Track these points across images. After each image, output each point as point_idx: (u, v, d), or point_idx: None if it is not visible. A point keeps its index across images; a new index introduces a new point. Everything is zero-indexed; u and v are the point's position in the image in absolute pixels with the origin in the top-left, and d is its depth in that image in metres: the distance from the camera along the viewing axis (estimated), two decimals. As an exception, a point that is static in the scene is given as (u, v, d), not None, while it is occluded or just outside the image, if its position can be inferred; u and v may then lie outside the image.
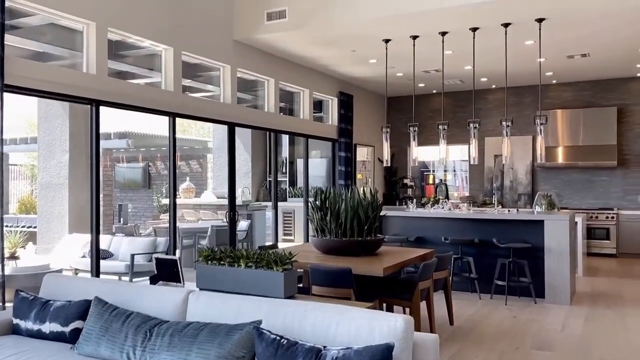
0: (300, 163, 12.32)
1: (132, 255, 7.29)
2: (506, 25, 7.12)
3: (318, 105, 10.81)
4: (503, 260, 6.83)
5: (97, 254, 5.93)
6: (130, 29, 6.17)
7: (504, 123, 7.29)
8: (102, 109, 5.91)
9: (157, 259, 4.09)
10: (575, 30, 7.45)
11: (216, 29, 7.48)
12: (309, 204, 5.79)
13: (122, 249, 7.99)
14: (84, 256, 7.71)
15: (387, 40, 7.88)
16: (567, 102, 11.35)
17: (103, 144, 12.79)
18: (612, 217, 10.51)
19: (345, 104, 10.83)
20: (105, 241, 8.13)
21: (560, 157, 11.11)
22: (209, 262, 3.63)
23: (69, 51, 6.20)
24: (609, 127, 10.79)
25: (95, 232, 5.85)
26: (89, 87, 5.68)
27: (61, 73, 5.47)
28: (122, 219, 12.97)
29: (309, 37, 7.76)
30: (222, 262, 3.59)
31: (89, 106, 5.84)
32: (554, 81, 11.22)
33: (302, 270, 4.82)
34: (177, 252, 7.91)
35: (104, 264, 6.73)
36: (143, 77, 7.37)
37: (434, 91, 12.07)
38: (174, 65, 6.77)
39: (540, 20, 6.91)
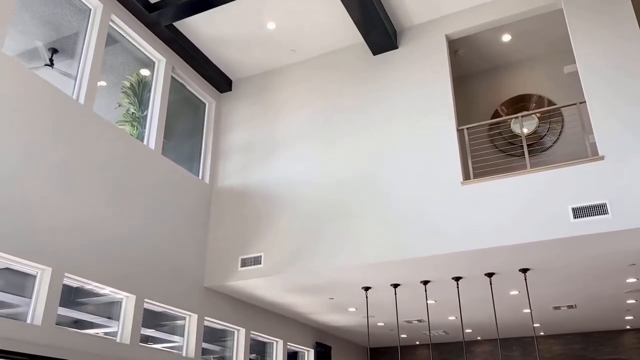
0: None
1: None
2: (490, 274, 6.87)
3: (292, 357, 9.87)
4: None
5: None
6: (89, 274, 5.69)
7: (501, 383, 6.49)
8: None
9: None
10: (560, 280, 7.22)
11: (185, 276, 7.05)
12: None
13: None
14: None
15: (366, 288, 7.49)
16: (558, 356, 10.62)
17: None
18: None
19: (323, 356, 9.93)
20: None
21: (563, 420, 9.92)
22: None
23: (20, 298, 5.59)
24: (609, 385, 9.93)
25: None
26: (29, 340, 4.92)
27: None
28: None
29: (284, 283, 7.34)
30: None
31: (24, 362, 4.99)
32: (542, 333, 10.67)
33: None
34: None
35: None
36: (101, 327, 6.65)
37: (417, 342, 11.33)
38: (134, 314, 6.13)
39: (524, 271, 6.70)
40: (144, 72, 7.39)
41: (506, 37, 7.59)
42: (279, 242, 7.07)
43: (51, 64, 6.30)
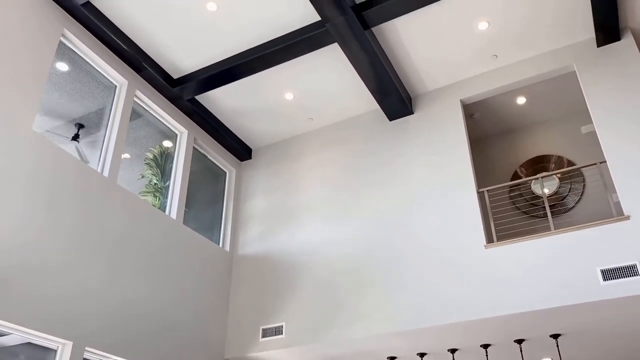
0: None
1: None
2: (520, 341, 6.61)
3: None
4: None
5: None
6: (109, 348, 5.61)
7: None
8: None
9: None
10: (594, 345, 6.90)
11: (206, 347, 6.91)
12: None
13: None
14: None
15: (392, 358, 7.24)
16: None
17: None
18: None
19: None
20: None
21: None
22: None
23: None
24: None
25: None
26: (47, 418, 4.81)
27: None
28: None
29: (306, 354, 7.13)
30: None
31: None
32: (579, 402, 10.09)
33: None
34: None
35: None
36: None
37: (447, 414, 10.78)
38: (153, 389, 5.98)
39: (555, 336, 6.43)
40: (167, 143, 7.58)
41: (521, 100, 7.68)
42: (300, 311, 6.94)
43: (77, 139, 6.52)
